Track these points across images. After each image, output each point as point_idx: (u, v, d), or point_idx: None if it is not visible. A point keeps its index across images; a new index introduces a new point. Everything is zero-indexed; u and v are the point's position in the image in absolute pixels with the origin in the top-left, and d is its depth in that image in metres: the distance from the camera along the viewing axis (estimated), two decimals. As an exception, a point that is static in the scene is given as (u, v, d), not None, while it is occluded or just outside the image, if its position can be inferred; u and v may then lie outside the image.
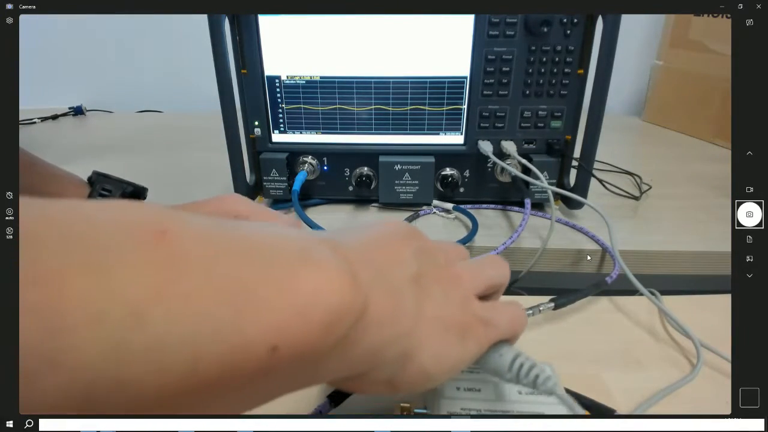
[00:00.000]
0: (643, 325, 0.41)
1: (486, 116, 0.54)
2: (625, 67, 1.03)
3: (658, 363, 0.36)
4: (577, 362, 0.36)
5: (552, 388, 0.22)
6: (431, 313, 0.20)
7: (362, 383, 0.19)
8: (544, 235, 0.50)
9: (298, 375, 0.16)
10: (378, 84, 0.53)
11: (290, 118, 0.56)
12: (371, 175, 0.57)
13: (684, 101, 0.92)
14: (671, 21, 0.94)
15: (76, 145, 0.89)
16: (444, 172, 0.57)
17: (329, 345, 0.15)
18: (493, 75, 0.52)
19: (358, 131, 0.56)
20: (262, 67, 0.53)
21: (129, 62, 1.16)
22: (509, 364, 0.23)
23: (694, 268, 0.50)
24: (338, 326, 0.15)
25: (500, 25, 0.50)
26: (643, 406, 0.32)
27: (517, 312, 0.24)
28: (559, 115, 0.54)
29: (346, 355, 0.17)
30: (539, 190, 0.56)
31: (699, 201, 0.61)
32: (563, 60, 0.51)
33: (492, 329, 0.22)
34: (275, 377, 0.15)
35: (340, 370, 0.18)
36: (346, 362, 0.17)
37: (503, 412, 0.26)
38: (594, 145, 0.53)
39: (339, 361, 0.17)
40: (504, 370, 0.23)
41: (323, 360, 0.16)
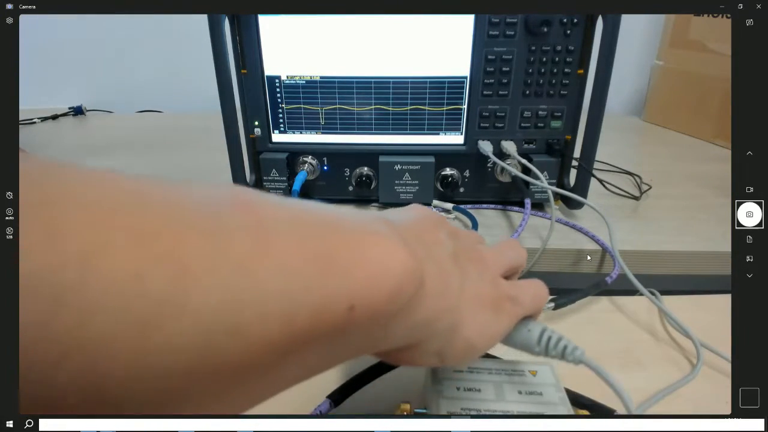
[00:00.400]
0: (643, 325, 0.41)
1: (486, 116, 0.54)
2: (625, 67, 1.03)
3: (658, 363, 0.36)
4: (577, 362, 0.36)
5: (579, 358, 0.24)
6: (470, 289, 0.22)
7: (415, 354, 0.21)
8: (544, 235, 0.50)
9: (368, 336, 0.17)
10: (378, 84, 0.53)
11: (290, 118, 0.56)
12: (371, 175, 0.57)
13: (684, 101, 0.92)
14: (671, 21, 0.94)
15: (76, 145, 0.89)
16: (444, 172, 0.57)
17: (395, 309, 0.17)
18: (493, 75, 0.52)
19: (358, 131, 0.56)
20: (262, 67, 0.53)
21: (129, 62, 1.15)
22: (538, 338, 0.24)
23: (694, 268, 0.50)
24: (402, 293, 0.17)
25: (500, 25, 0.50)
26: (643, 406, 0.32)
27: (539, 289, 0.26)
28: (559, 115, 0.54)
29: (406, 322, 0.18)
30: (539, 190, 0.56)
31: (699, 201, 0.61)
32: (563, 60, 0.51)
33: (519, 306, 0.24)
34: (350, 336, 0.16)
35: (401, 338, 0.19)
36: (406, 329, 0.19)
37: (503, 412, 0.26)
38: (594, 145, 0.53)
39: (401, 327, 0.18)
40: (533, 343, 0.24)
41: (390, 324, 0.17)
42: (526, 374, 0.29)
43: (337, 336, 0.15)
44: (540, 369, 0.30)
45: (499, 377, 0.29)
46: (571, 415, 0.27)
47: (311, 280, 0.14)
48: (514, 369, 0.30)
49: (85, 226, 0.11)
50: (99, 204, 0.12)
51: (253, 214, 0.14)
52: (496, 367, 0.30)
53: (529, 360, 0.31)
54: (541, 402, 0.27)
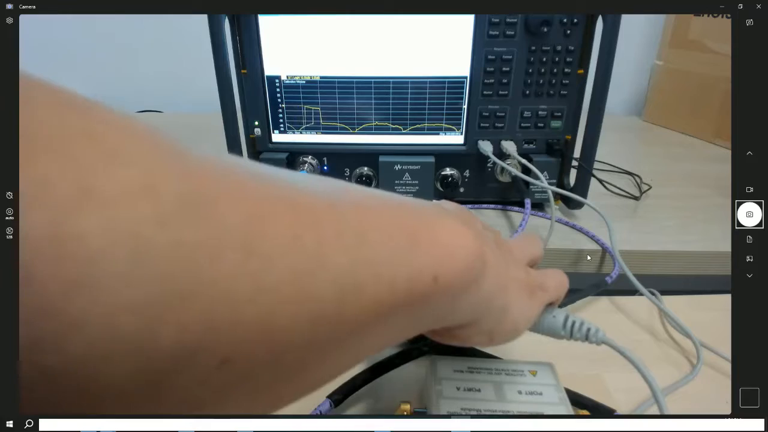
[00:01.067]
0: (643, 325, 0.41)
1: (486, 116, 0.54)
2: (625, 67, 1.03)
3: (658, 363, 0.36)
4: (577, 362, 0.36)
5: (602, 338, 0.26)
6: (512, 274, 0.24)
7: (471, 332, 0.22)
8: (544, 235, 0.50)
9: (442, 309, 0.19)
10: (378, 84, 0.53)
11: (290, 118, 0.56)
12: (371, 175, 0.57)
13: (684, 101, 0.92)
14: (671, 21, 0.94)
15: (76, 145, 0.89)
16: (444, 172, 0.57)
17: (468, 282, 0.19)
18: (493, 75, 0.52)
19: (358, 131, 0.56)
20: (262, 67, 0.53)
21: (129, 62, 1.15)
22: (563, 323, 0.26)
23: (694, 268, 0.50)
24: (473, 268, 0.19)
25: (500, 25, 0.50)
26: (643, 406, 0.32)
27: (561, 277, 0.28)
28: (559, 115, 0.54)
29: (472, 297, 0.20)
30: (539, 190, 0.56)
31: (699, 201, 0.61)
32: (563, 60, 0.51)
33: (545, 292, 0.26)
34: (430, 306, 0.18)
35: (465, 314, 0.21)
36: (470, 305, 0.21)
37: (503, 412, 0.26)
38: (594, 145, 0.53)
39: (467, 302, 0.20)
40: (559, 328, 0.26)
41: (460, 298, 0.20)
42: (526, 374, 0.29)
43: (422, 305, 0.18)
44: (540, 369, 0.30)
45: (499, 377, 0.29)
46: (571, 415, 0.27)
47: (406, 251, 0.17)
48: (514, 369, 0.30)
49: (254, 201, 0.13)
50: (261, 190, 0.14)
51: (351, 195, 0.17)
52: (496, 367, 0.30)
53: (529, 360, 0.31)
54: (541, 402, 0.27)
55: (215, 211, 0.12)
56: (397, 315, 0.17)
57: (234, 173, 0.14)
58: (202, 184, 0.12)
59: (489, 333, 0.23)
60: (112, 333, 0.10)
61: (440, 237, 0.18)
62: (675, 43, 0.93)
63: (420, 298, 0.17)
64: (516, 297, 0.23)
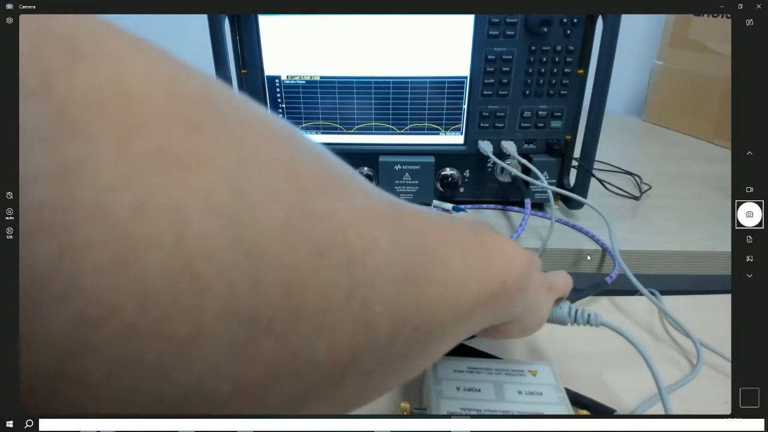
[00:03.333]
0: (643, 325, 0.41)
1: (486, 116, 0.54)
2: (625, 67, 1.03)
3: (658, 363, 0.36)
4: (577, 362, 0.36)
5: (601, 321, 0.31)
6: (539, 277, 0.27)
7: (513, 326, 0.26)
8: (544, 235, 0.50)
9: (503, 308, 0.23)
10: (378, 84, 0.53)
11: (290, 118, 0.56)
12: (371, 175, 0.57)
13: (684, 101, 0.92)
14: (671, 21, 0.94)
15: (76, 145, 0.89)
16: (444, 172, 0.57)
17: (523, 285, 0.23)
18: (493, 75, 0.52)
19: (358, 131, 0.56)
20: (262, 67, 0.53)
21: (129, 62, 1.15)
22: (568, 312, 0.31)
23: (694, 268, 0.50)
24: (527, 272, 0.23)
25: (500, 25, 0.50)
26: (643, 406, 0.32)
27: (566, 276, 0.33)
28: (559, 115, 0.54)
29: (523, 296, 0.24)
30: (539, 190, 0.56)
31: (699, 201, 0.61)
32: (563, 60, 0.51)
33: (554, 290, 0.30)
34: (497, 305, 0.22)
35: (516, 311, 0.25)
36: (521, 303, 0.24)
37: (503, 412, 0.26)
38: (594, 145, 0.53)
39: (520, 302, 0.24)
40: (565, 316, 0.31)
41: (517, 298, 0.23)
42: (526, 374, 0.29)
43: (491, 304, 0.21)
44: (540, 369, 0.30)
45: (499, 377, 0.29)
46: (571, 415, 0.27)
47: (481, 262, 0.20)
48: (514, 369, 0.30)
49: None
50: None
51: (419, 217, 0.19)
52: (496, 367, 0.30)
53: (529, 360, 0.31)
54: (541, 402, 0.27)
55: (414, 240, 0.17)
56: (471, 314, 0.20)
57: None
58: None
59: (525, 326, 0.27)
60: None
61: (505, 247, 0.22)
62: (675, 43, 0.93)
63: (490, 298, 0.20)
64: (541, 295, 0.28)
